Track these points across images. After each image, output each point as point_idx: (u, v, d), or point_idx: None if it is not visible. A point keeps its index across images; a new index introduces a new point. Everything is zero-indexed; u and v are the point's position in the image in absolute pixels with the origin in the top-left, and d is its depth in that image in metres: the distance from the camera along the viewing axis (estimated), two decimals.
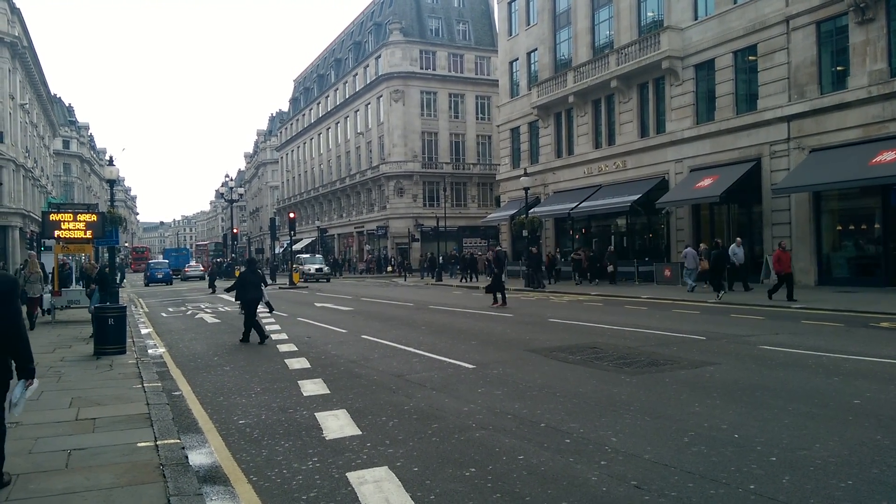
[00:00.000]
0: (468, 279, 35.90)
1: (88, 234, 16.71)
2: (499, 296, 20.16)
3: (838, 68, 21.69)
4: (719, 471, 4.97)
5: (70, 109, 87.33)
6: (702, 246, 23.60)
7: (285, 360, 10.66)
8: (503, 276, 20.90)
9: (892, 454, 5.24)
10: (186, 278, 52.60)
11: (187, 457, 5.65)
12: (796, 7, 22.45)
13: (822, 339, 11.37)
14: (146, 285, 44.21)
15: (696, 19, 26.73)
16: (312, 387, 8.52)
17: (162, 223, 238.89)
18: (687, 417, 6.49)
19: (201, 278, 49.54)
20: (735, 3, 24.96)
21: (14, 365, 4.81)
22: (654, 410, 6.79)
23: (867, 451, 5.33)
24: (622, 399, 7.33)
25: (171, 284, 45.34)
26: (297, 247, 60.69)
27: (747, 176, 23.80)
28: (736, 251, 21.50)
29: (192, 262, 64.60)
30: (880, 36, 20.11)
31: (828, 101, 21.54)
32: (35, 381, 4.91)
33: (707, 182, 24.85)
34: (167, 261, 56.53)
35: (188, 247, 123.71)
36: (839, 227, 22.76)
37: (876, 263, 21.15)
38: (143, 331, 15.92)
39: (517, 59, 39.08)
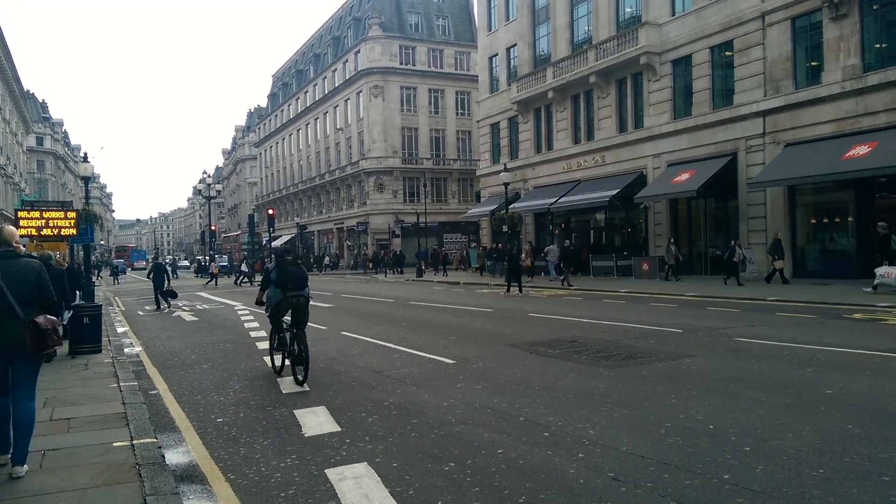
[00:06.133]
0: (445, 273, 38.01)
1: (65, 233, 16.50)
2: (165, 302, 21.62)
3: (812, 64, 21.99)
4: (695, 461, 5.04)
5: (44, 105, 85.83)
6: (566, 242, 29.79)
7: (264, 358, 10.59)
8: (165, 284, 21.72)
9: (863, 443, 5.33)
10: (135, 269, 76.03)
11: (164, 456, 5.59)
12: (772, 3, 22.70)
13: (796, 330, 11.54)
14: (110, 275, 55.40)
15: (673, 15, 26.93)
16: (291, 384, 8.47)
17: (139, 220, 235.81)
18: (663, 409, 6.56)
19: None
20: None
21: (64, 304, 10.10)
22: (632, 403, 6.86)
23: (839, 440, 5.43)
24: (600, 392, 7.39)
25: (125, 274, 61.17)
26: (276, 243, 60.10)
27: (724, 170, 24.07)
28: None
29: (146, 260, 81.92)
30: (853, 32, 20.41)
31: (802, 96, 21.83)
32: (71, 310, 10.85)
33: (684, 177, 25.08)
34: (122, 259, 77.38)
35: (167, 244, 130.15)
36: (813, 221, 23.10)
37: (849, 256, 21.52)
38: (120, 329, 15.73)
39: (497, 54, 39.10)
